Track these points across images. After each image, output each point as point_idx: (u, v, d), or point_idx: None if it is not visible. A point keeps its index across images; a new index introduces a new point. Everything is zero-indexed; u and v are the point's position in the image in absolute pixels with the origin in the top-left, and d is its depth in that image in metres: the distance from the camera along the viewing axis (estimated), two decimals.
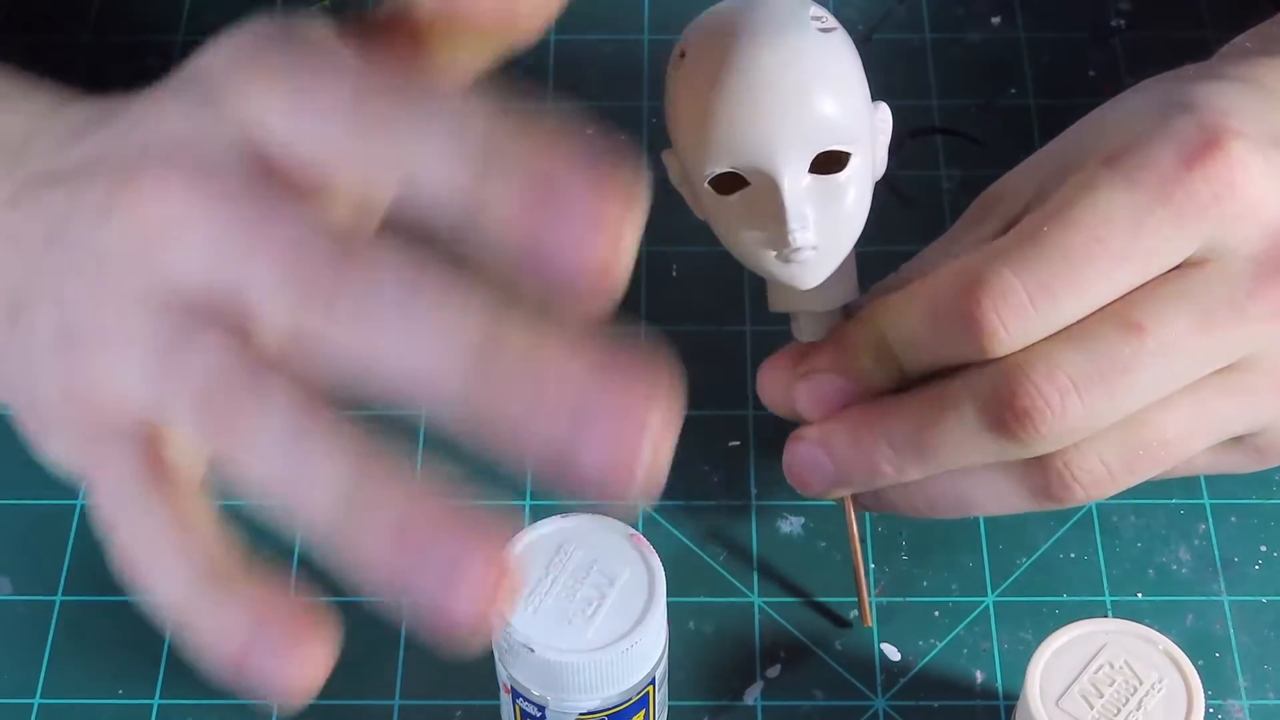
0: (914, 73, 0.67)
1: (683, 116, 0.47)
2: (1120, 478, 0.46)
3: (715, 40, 0.46)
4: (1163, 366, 0.45)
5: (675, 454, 0.57)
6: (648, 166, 0.63)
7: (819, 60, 0.46)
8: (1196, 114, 0.45)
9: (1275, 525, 0.56)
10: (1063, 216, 0.45)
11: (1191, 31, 0.68)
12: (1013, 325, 0.45)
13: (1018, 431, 0.45)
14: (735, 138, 0.46)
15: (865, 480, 0.49)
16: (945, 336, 0.46)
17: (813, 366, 0.49)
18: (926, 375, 0.48)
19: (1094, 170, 0.46)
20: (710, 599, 0.54)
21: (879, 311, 0.48)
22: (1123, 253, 0.44)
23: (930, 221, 0.62)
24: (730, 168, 0.46)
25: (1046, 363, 0.45)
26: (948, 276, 0.46)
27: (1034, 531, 0.55)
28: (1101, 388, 0.44)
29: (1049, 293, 0.44)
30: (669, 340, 0.59)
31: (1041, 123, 0.65)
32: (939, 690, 0.52)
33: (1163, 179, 0.44)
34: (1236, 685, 0.52)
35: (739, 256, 0.48)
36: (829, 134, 0.46)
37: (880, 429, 0.48)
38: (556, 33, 0.68)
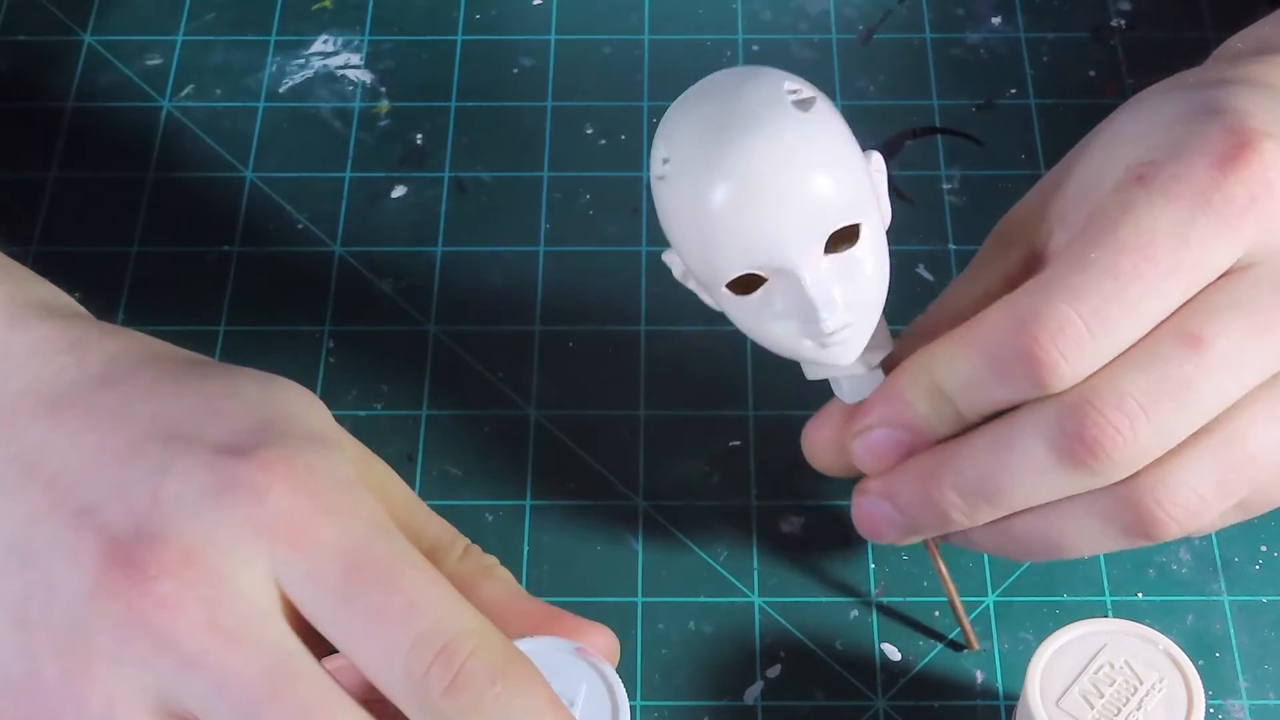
0: (914, 73, 0.67)
1: (684, 230, 0.46)
2: (1214, 503, 0.45)
3: (699, 145, 0.45)
4: (1226, 375, 0.44)
5: (675, 454, 0.57)
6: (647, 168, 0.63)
7: (810, 143, 0.45)
8: (1221, 118, 0.45)
9: (1275, 525, 0.56)
10: (1107, 240, 0.45)
11: (1191, 31, 0.68)
12: (1073, 357, 0.44)
13: (1090, 462, 0.44)
14: (745, 244, 0.45)
15: (937, 527, 0.48)
16: (1005, 377, 0.45)
17: (867, 423, 0.48)
18: (986, 417, 0.47)
19: (1128, 189, 0.45)
20: (710, 599, 0.54)
21: (930, 359, 0.47)
22: (1172, 267, 0.44)
23: (930, 221, 0.62)
24: (748, 270, 0.45)
25: (1111, 389, 0.44)
26: (998, 318, 0.46)
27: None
28: (1168, 405, 0.44)
29: (1104, 319, 0.44)
30: (669, 340, 0.60)
31: (1041, 123, 0.65)
32: (939, 690, 0.52)
33: (1199, 187, 0.44)
34: (1237, 685, 0.52)
35: (770, 348, 0.48)
36: (837, 213, 0.45)
37: (946, 476, 0.47)
38: (556, 33, 0.68)
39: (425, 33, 0.69)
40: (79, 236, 0.62)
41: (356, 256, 0.62)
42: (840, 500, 0.56)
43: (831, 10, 0.69)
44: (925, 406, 0.47)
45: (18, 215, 0.63)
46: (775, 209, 0.44)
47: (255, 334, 0.60)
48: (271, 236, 0.62)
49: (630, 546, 0.55)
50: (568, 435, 0.57)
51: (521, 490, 0.56)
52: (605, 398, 0.58)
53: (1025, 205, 0.50)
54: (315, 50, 0.68)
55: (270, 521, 0.39)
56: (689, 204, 0.45)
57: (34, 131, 0.65)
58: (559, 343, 0.60)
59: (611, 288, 0.61)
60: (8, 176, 0.64)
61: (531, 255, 0.62)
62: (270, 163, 0.64)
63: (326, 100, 0.66)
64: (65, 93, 0.67)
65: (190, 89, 0.67)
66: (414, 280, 0.61)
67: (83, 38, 0.68)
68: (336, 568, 0.39)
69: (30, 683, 0.40)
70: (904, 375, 0.48)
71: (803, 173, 0.45)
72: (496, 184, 0.64)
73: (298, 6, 0.69)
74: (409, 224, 0.63)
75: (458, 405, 0.58)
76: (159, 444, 0.41)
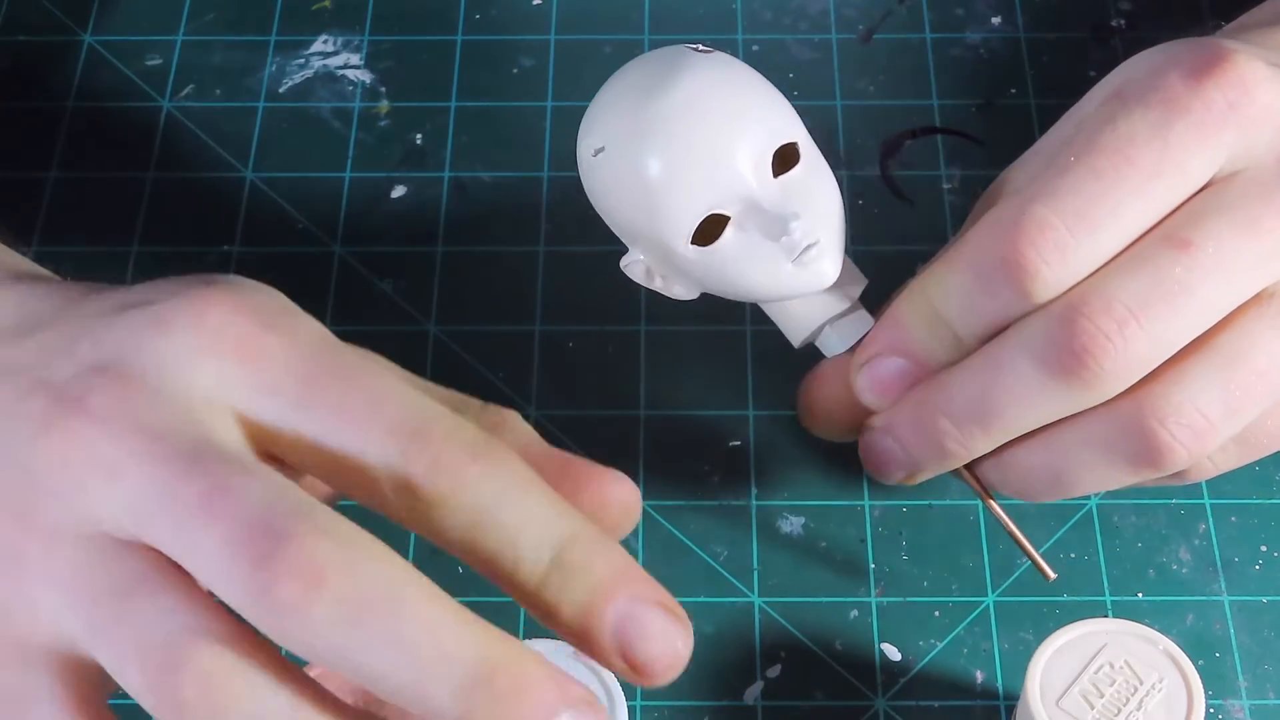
0: (914, 73, 0.67)
1: (633, 204, 0.47)
2: (1221, 424, 0.44)
3: (627, 115, 0.46)
4: (1218, 277, 0.44)
5: (675, 454, 0.57)
6: None
7: (728, 74, 0.47)
8: (1194, 42, 0.46)
9: (1275, 525, 0.56)
10: (1087, 145, 0.44)
11: (1192, 32, 0.68)
12: (1054, 261, 0.44)
13: (1080, 372, 0.43)
14: (699, 185, 0.46)
15: (936, 460, 0.48)
16: (990, 289, 0.45)
17: (870, 352, 0.48)
18: (986, 341, 0.46)
19: (1107, 104, 0.45)
20: (710, 599, 0.54)
21: (924, 282, 0.47)
22: (1153, 168, 0.44)
23: (930, 221, 0.62)
24: (708, 211, 0.46)
25: (1099, 296, 0.43)
26: (983, 227, 0.45)
27: (1034, 531, 0.55)
28: (1160, 309, 0.43)
29: (1086, 220, 0.44)
30: (669, 340, 0.60)
31: (1041, 123, 0.65)
32: (939, 690, 0.52)
33: (1176, 94, 0.44)
34: (1237, 685, 0.52)
35: (753, 291, 0.48)
36: (773, 133, 0.47)
37: (938, 403, 0.47)
38: (556, 33, 0.68)
39: (425, 33, 0.69)
40: (79, 236, 0.62)
41: (356, 256, 0.62)
42: (840, 500, 0.56)
43: (831, 10, 0.69)
44: (924, 331, 0.47)
45: (18, 215, 0.63)
46: (716, 138, 0.46)
47: None
48: (271, 236, 0.62)
49: (630, 546, 0.55)
50: (568, 435, 0.57)
51: None
52: (605, 398, 0.58)
53: (1011, 172, 0.50)
54: (315, 50, 0.68)
55: (213, 340, 0.38)
56: (633, 172, 0.46)
57: (34, 131, 0.65)
58: (559, 343, 0.60)
59: (611, 288, 0.61)
60: (8, 176, 0.64)
61: (531, 255, 0.62)
62: (270, 163, 0.64)
63: (326, 100, 0.66)
64: (65, 93, 0.67)
65: (190, 89, 0.67)
66: (414, 280, 0.61)
67: (83, 38, 0.68)
68: (292, 376, 0.38)
69: None
70: (903, 301, 0.48)
71: (731, 98, 0.46)
72: (496, 184, 0.64)
73: (298, 6, 0.69)
74: (409, 224, 0.63)
75: None
76: (108, 317, 0.40)
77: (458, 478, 0.37)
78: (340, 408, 0.38)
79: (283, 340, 0.39)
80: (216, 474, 0.37)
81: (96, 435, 0.37)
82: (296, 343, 0.39)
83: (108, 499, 0.37)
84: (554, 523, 0.38)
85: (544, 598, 0.38)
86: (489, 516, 0.37)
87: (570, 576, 0.38)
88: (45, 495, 0.38)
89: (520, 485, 0.38)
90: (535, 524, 0.38)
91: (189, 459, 0.37)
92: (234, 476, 0.37)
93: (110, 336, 0.39)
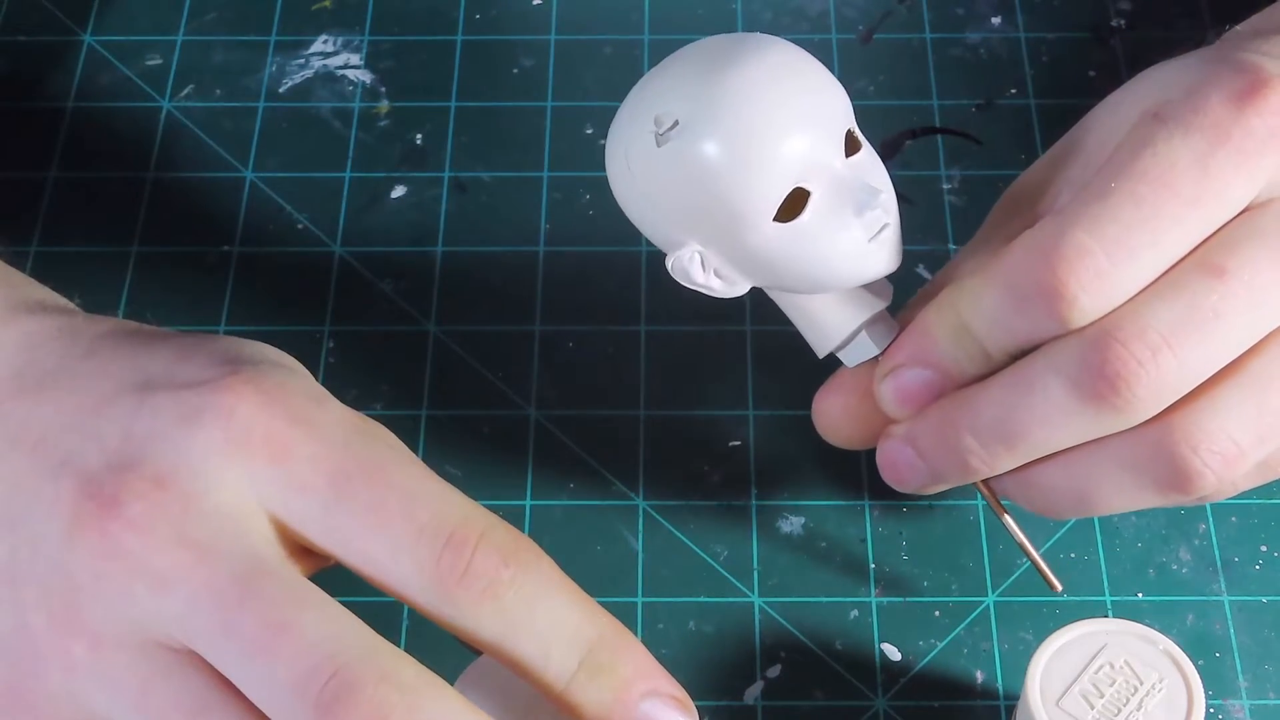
0: (914, 73, 0.67)
1: (712, 184, 0.45)
2: (1250, 452, 0.44)
3: (702, 90, 0.45)
4: (1251, 306, 0.44)
5: (675, 454, 0.57)
6: None
7: (801, 58, 0.46)
8: (1233, 63, 0.45)
9: (1275, 525, 0.56)
10: (1126, 171, 0.44)
11: (1191, 31, 0.68)
12: (1092, 288, 0.43)
13: (1111, 397, 0.43)
14: (789, 150, 0.45)
15: (957, 474, 0.48)
16: (1025, 311, 0.44)
17: (895, 361, 0.48)
18: (1014, 358, 0.46)
19: (1145, 125, 0.45)
20: (710, 599, 0.54)
21: (954, 295, 0.47)
22: (1193, 197, 0.44)
23: (930, 221, 0.62)
24: (796, 184, 0.45)
25: (1133, 322, 0.43)
26: (1021, 249, 0.45)
27: (1034, 532, 0.55)
28: (1193, 337, 0.43)
29: (1125, 248, 0.43)
30: (669, 340, 0.60)
31: (1041, 123, 0.65)
32: (939, 690, 0.52)
33: (1217, 121, 0.44)
34: (1237, 685, 0.52)
35: (829, 272, 0.47)
36: (844, 115, 0.47)
37: (964, 419, 0.46)
38: (556, 33, 0.68)
39: (425, 33, 0.69)
40: (79, 236, 0.62)
41: (356, 256, 0.62)
42: (840, 500, 0.56)
43: (831, 10, 0.69)
44: (951, 344, 0.46)
45: (18, 215, 0.63)
46: (805, 109, 0.45)
47: (255, 334, 0.59)
48: (271, 236, 0.62)
49: (630, 546, 0.55)
50: (568, 435, 0.57)
51: (521, 490, 0.56)
52: (605, 398, 0.58)
53: (1034, 171, 0.49)
54: (315, 50, 0.68)
55: (242, 437, 0.39)
56: (715, 146, 0.44)
57: (34, 131, 0.65)
58: (559, 343, 0.60)
59: (611, 288, 0.61)
60: (8, 176, 0.64)
61: (531, 255, 0.62)
62: (270, 163, 0.64)
63: (326, 100, 0.66)
64: (65, 93, 0.67)
65: (190, 89, 0.67)
66: (414, 280, 0.61)
67: (83, 38, 0.68)
68: (321, 473, 0.39)
69: (19, 637, 0.39)
70: (932, 311, 0.47)
71: (811, 73, 0.46)
72: (496, 184, 0.64)
73: (298, 6, 0.69)
74: (409, 224, 0.63)
75: (458, 405, 0.58)
76: (133, 392, 0.40)
77: (491, 586, 0.39)
78: (372, 508, 0.39)
79: (311, 434, 0.39)
80: (273, 605, 0.37)
81: (139, 546, 0.38)
82: (325, 437, 0.40)
83: (156, 611, 0.38)
84: (583, 626, 0.40)
85: (570, 697, 0.40)
86: (521, 622, 0.39)
87: (596, 677, 0.40)
88: (86, 596, 0.38)
89: (551, 589, 0.40)
90: (566, 628, 0.40)
91: (242, 584, 0.38)
92: (291, 608, 0.37)
93: (139, 428, 0.39)
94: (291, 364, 0.42)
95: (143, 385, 0.40)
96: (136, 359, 0.42)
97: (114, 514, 0.38)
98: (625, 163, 0.46)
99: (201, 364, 0.41)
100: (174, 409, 0.39)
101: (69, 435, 0.40)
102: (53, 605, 0.39)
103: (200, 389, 0.40)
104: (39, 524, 0.39)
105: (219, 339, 0.43)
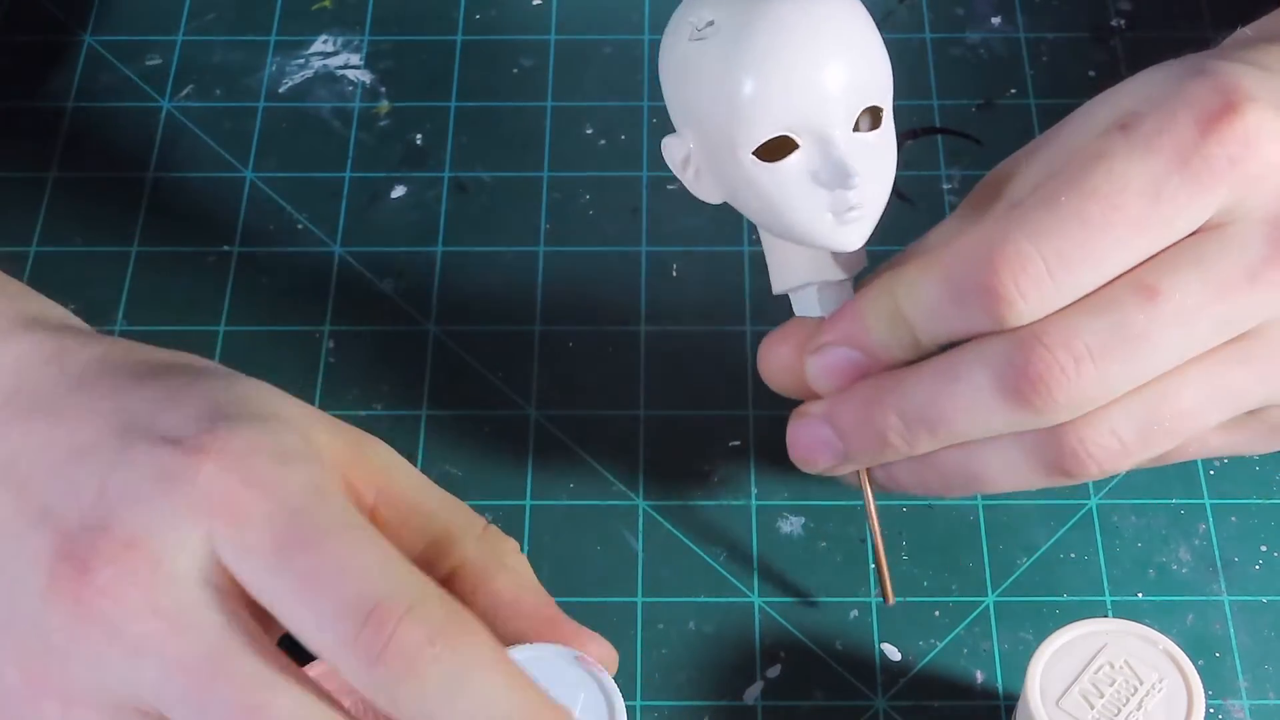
0: (914, 73, 0.67)
1: (718, 85, 0.46)
2: (1134, 451, 0.46)
3: (747, 5, 0.46)
4: (1177, 333, 0.44)
5: (675, 454, 0.57)
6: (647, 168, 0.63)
7: (853, 18, 0.46)
8: (1210, 78, 0.45)
9: (1275, 525, 0.56)
10: (1080, 185, 0.44)
11: (1191, 31, 0.68)
12: (1031, 295, 0.44)
13: (1033, 399, 0.44)
14: (791, 98, 0.45)
15: (874, 454, 0.48)
16: (962, 307, 0.45)
17: (825, 340, 0.48)
18: (943, 346, 0.47)
19: (1110, 137, 0.45)
20: (710, 599, 0.54)
21: (893, 281, 0.47)
22: (1140, 220, 0.44)
23: (930, 221, 0.62)
24: (784, 130, 0.46)
25: (1062, 330, 0.44)
26: (964, 246, 0.46)
27: (1034, 531, 0.55)
28: (1117, 354, 0.44)
29: (1067, 262, 0.44)
30: (669, 340, 0.60)
31: (1041, 123, 0.65)
32: (939, 690, 0.52)
33: (1179, 144, 0.44)
34: (1237, 685, 0.52)
35: (781, 223, 0.47)
36: (871, 90, 0.46)
37: (891, 400, 0.47)
38: (556, 33, 0.68)
39: (425, 33, 0.69)
40: (79, 236, 0.62)
41: (356, 256, 0.62)
42: (840, 500, 0.56)
43: None
44: (884, 329, 0.47)
45: (18, 215, 0.63)
46: (828, 65, 0.45)
47: (255, 334, 0.60)
48: (271, 236, 0.62)
49: (630, 546, 0.55)
50: (568, 435, 0.57)
51: (521, 490, 0.56)
52: (605, 398, 0.58)
53: (1014, 159, 0.49)
54: (315, 50, 0.68)
55: (203, 500, 0.39)
56: (734, 58, 0.45)
57: (34, 131, 0.65)
58: (559, 343, 0.60)
59: (611, 288, 0.61)
60: (8, 176, 0.64)
61: (531, 255, 0.62)
62: (270, 163, 0.64)
63: (326, 100, 0.66)
64: (65, 93, 0.67)
65: (190, 89, 0.67)
66: (414, 280, 0.61)
67: (83, 38, 0.68)
68: (268, 538, 0.39)
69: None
70: (867, 295, 0.48)
71: (852, 38, 0.46)
72: (496, 184, 0.64)
73: (298, 6, 0.69)
74: (409, 224, 0.63)
75: (458, 405, 0.58)
76: (114, 437, 0.40)
77: (412, 663, 0.38)
78: (305, 577, 0.39)
79: (265, 497, 0.39)
80: (244, 686, 0.38)
81: (113, 612, 0.38)
82: (280, 501, 0.39)
83: (129, 677, 0.38)
84: (509, 708, 0.38)
85: None
86: (442, 701, 0.38)
87: None
88: (59, 657, 0.39)
89: (477, 667, 0.38)
90: (489, 710, 0.38)
91: (213, 660, 0.38)
92: (262, 690, 0.38)
93: (113, 484, 0.40)
94: (276, 410, 0.42)
95: (124, 430, 0.41)
96: (122, 396, 0.42)
97: (87, 579, 0.38)
98: (671, 39, 0.47)
99: (184, 415, 0.41)
100: (148, 467, 0.40)
101: (50, 480, 0.40)
102: (28, 663, 0.39)
103: (175, 449, 0.40)
104: (19, 574, 0.39)
105: (209, 382, 0.43)
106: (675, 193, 0.63)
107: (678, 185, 0.48)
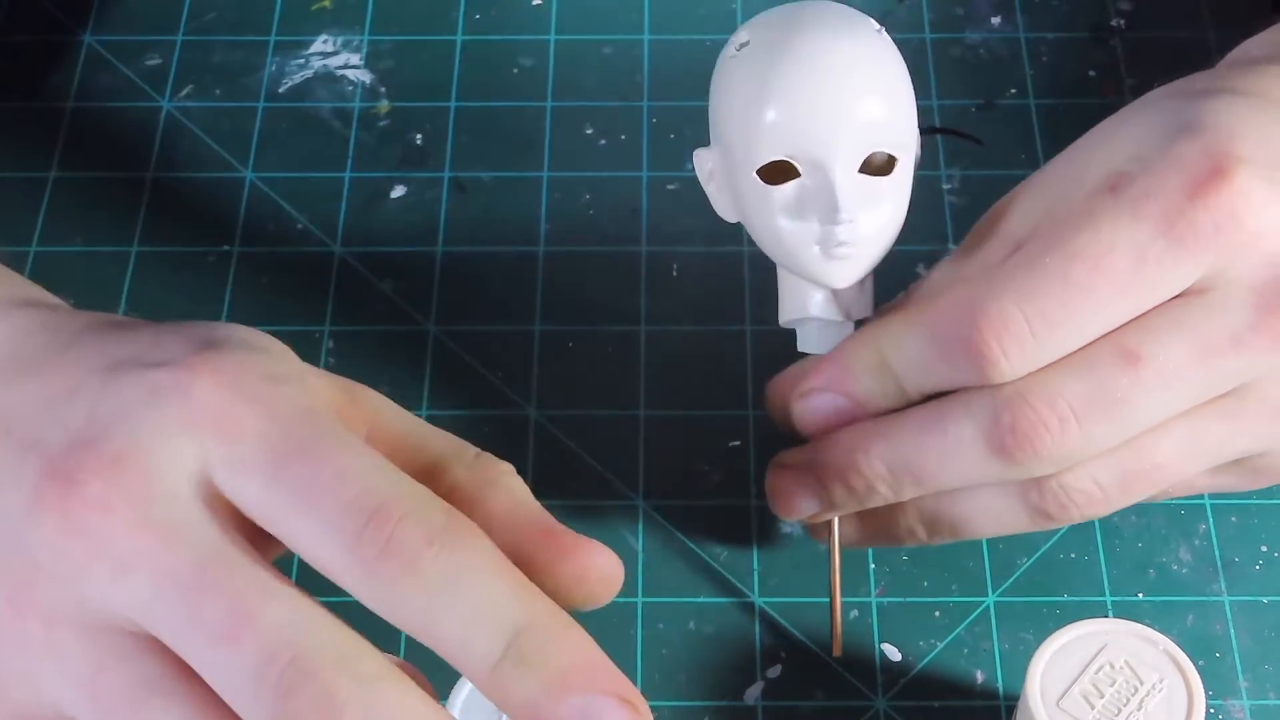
0: (914, 73, 0.66)
1: (738, 101, 0.48)
2: (1114, 499, 0.47)
3: (781, 31, 0.47)
4: (1160, 396, 0.45)
5: (675, 454, 0.57)
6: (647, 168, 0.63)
7: (881, 63, 0.48)
8: (1203, 138, 0.45)
9: (1275, 525, 0.56)
10: (1065, 246, 0.45)
11: (1191, 31, 0.68)
12: (1014, 354, 0.45)
13: (1018, 455, 0.45)
14: (796, 124, 0.47)
15: (856, 500, 0.49)
16: (947, 363, 0.46)
17: (812, 385, 0.49)
18: (927, 396, 0.48)
19: (1098, 197, 0.46)
20: (710, 599, 0.54)
21: (879, 333, 0.48)
22: (1124, 284, 0.45)
23: (930, 221, 0.62)
24: (785, 155, 0.47)
25: (1047, 390, 0.45)
26: (950, 303, 0.46)
27: (1034, 535, 0.55)
28: (1099, 415, 0.45)
29: (1050, 323, 0.45)
30: (669, 340, 0.60)
31: (1041, 123, 0.65)
32: (939, 690, 0.52)
33: (1166, 210, 0.44)
34: (1237, 685, 0.52)
35: (777, 250, 0.49)
36: (885, 135, 0.47)
37: (878, 449, 0.48)
38: (556, 33, 0.68)
39: (425, 33, 0.69)
40: (79, 236, 0.62)
41: (356, 256, 0.62)
42: None
43: None
44: (869, 378, 0.48)
45: (18, 215, 0.63)
46: (836, 99, 0.47)
47: None
48: (271, 236, 0.62)
49: (630, 546, 0.55)
50: (568, 435, 0.57)
51: None
52: (605, 398, 0.58)
53: (1012, 198, 0.50)
54: (315, 50, 0.68)
55: (196, 415, 0.39)
56: (755, 74, 0.47)
57: (34, 131, 0.65)
58: (559, 343, 0.60)
59: (611, 288, 0.61)
60: (8, 176, 0.64)
61: (531, 255, 0.62)
62: (270, 163, 0.64)
63: (326, 100, 0.66)
64: (65, 93, 0.67)
65: (190, 89, 0.67)
66: (414, 280, 0.61)
67: (83, 38, 0.68)
68: (263, 451, 0.38)
69: None
70: (853, 344, 0.49)
71: (870, 80, 0.47)
72: (496, 184, 0.64)
73: (298, 6, 0.69)
74: (409, 224, 0.63)
75: (458, 405, 0.58)
76: (101, 374, 0.40)
77: (411, 561, 0.37)
78: (303, 486, 0.38)
79: (259, 413, 0.39)
80: (235, 593, 0.37)
81: (100, 526, 0.38)
82: (274, 415, 0.39)
83: (114, 593, 0.38)
84: (510, 609, 0.38)
85: (494, 687, 0.37)
86: (441, 601, 0.37)
87: (523, 666, 0.37)
88: (43, 575, 0.38)
89: (478, 568, 0.38)
90: (492, 610, 0.37)
91: (203, 570, 0.37)
92: (253, 596, 0.37)
93: (103, 407, 0.39)
94: (264, 344, 0.42)
95: (112, 367, 0.40)
96: (110, 345, 0.42)
97: (74, 492, 0.38)
98: (720, 56, 0.49)
99: (171, 346, 0.41)
100: (137, 388, 0.39)
101: (40, 418, 0.40)
102: (11, 583, 0.38)
103: (162, 369, 0.40)
104: (4, 496, 0.39)
105: (195, 324, 0.43)
106: (675, 193, 0.63)
107: (678, 185, 0.48)
